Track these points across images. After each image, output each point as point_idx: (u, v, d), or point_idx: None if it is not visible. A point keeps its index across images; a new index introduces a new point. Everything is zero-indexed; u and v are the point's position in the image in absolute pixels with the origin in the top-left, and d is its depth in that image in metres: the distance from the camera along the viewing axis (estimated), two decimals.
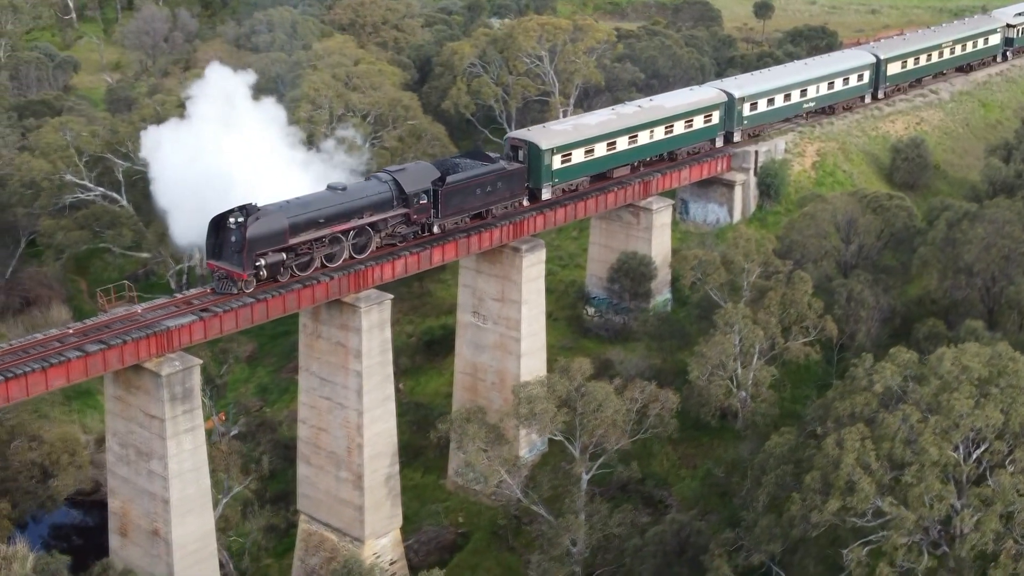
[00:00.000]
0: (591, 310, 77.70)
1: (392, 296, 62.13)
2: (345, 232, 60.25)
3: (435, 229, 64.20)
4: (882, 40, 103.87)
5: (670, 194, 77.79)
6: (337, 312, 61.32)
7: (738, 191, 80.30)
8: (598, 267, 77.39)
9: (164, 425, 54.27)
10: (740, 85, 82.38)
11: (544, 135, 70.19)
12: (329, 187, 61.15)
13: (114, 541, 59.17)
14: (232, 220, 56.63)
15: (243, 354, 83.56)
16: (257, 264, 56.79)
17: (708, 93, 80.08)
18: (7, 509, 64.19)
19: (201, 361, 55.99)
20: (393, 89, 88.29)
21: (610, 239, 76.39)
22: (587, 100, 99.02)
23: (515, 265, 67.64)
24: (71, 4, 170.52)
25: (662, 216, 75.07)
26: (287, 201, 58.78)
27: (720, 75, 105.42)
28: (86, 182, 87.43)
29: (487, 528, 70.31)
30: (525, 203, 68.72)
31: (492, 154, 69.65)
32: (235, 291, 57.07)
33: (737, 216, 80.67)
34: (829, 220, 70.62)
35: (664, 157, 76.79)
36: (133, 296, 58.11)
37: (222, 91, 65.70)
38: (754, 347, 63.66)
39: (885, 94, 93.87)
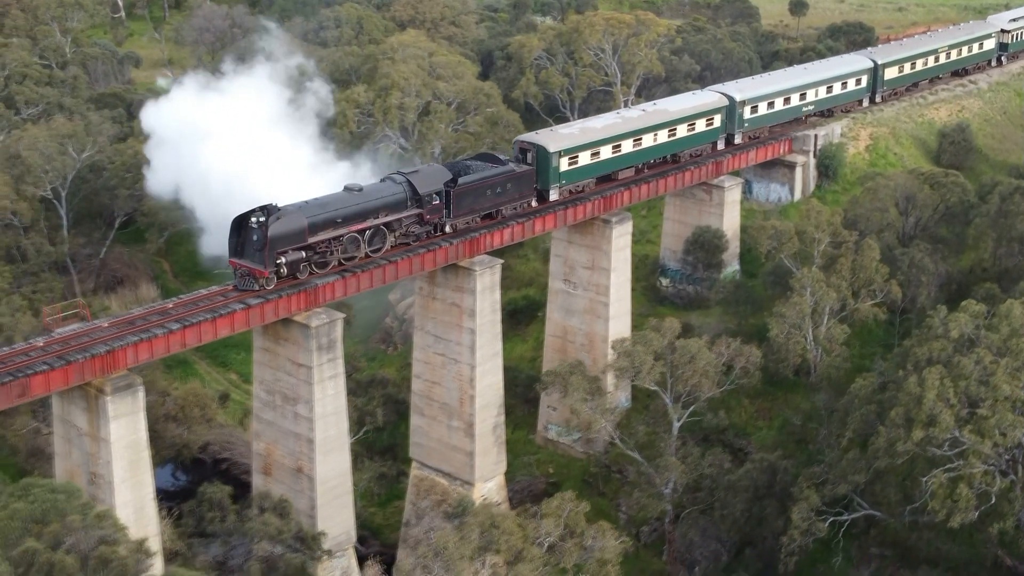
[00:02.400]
0: (665, 281, 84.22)
1: (503, 261, 68.68)
2: (361, 231, 62.46)
3: (447, 229, 66.40)
4: (880, 45, 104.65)
5: (736, 174, 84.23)
6: (452, 275, 67.88)
7: (799, 171, 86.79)
8: (672, 241, 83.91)
9: (311, 372, 60.87)
10: (741, 89, 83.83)
11: (552, 138, 72.23)
12: (346, 188, 63.43)
13: (257, 479, 65.80)
14: (254, 220, 58.84)
15: None
16: (278, 262, 58.98)
17: (710, 97, 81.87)
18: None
19: (344, 315, 62.56)
20: (473, 78, 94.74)
21: (684, 215, 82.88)
22: (647, 90, 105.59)
23: (605, 236, 74.20)
24: (120, 3, 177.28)
25: (733, 193, 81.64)
26: (306, 201, 61.00)
27: (766, 68, 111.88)
28: None
29: (577, 477, 76.86)
30: (533, 204, 70.91)
31: (501, 156, 72.07)
32: (256, 288, 59.06)
33: (798, 195, 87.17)
34: (890, 195, 77.14)
35: (667, 160, 78.71)
36: None
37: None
38: (826, 308, 70.24)
39: (882, 98, 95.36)
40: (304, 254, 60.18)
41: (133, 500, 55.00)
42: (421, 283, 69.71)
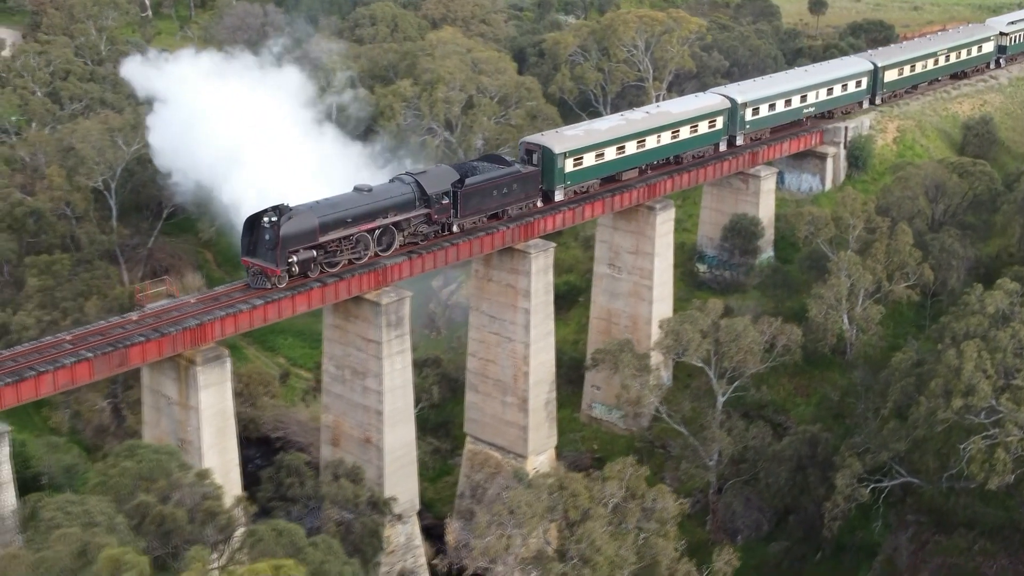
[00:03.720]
0: (703, 267, 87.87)
1: (555, 244, 72.26)
2: (371, 231, 63.52)
3: (454, 228, 67.69)
4: (879, 48, 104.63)
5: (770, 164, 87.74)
6: (508, 258, 71.50)
7: (829, 162, 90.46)
8: (709, 228, 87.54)
9: (380, 347, 64.54)
10: (743, 91, 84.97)
11: (557, 140, 73.51)
12: (356, 188, 64.28)
13: (325, 450, 69.44)
14: (266, 219, 59.84)
15: None
16: (289, 261, 59.96)
17: (712, 99, 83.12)
18: None
19: (412, 293, 66.16)
20: (514, 73, 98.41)
21: (721, 203, 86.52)
22: (677, 85, 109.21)
23: (649, 222, 77.85)
24: (147, 2, 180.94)
25: (768, 182, 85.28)
26: (317, 202, 61.90)
27: (790, 64, 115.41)
28: None
29: (621, 453, 79.97)
30: (539, 204, 72.32)
31: (507, 157, 73.80)
32: (268, 286, 60.28)
33: (828, 185, 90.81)
34: (920, 184, 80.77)
35: (671, 161, 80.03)
36: None
37: None
38: (861, 289, 73.87)
39: (882, 100, 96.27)
40: (315, 253, 61.10)
41: (220, 465, 58.50)
42: (477, 266, 73.28)
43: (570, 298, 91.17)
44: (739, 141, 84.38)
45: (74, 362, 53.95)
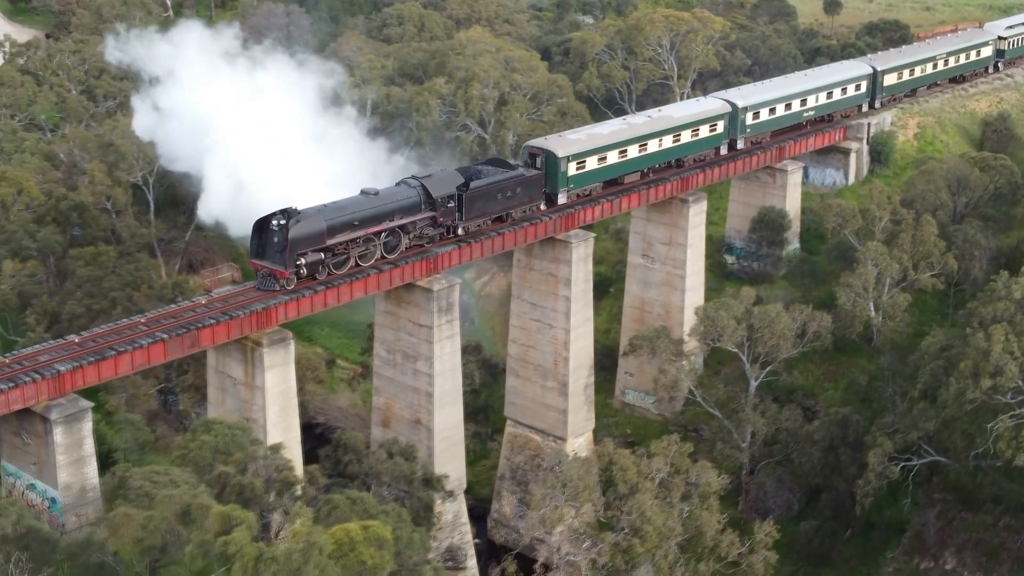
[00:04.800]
0: (731, 258, 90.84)
1: (595, 235, 75.23)
2: (377, 234, 64.28)
3: (459, 231, 68.66)
4: (879, 52, 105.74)
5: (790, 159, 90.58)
6: (549, 248, 74.49)
7: (853, 157, 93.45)
8: (737, 221, 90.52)
9: (432, 332, 67.51)
10: (743, 96, 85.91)
11: (560, 144, 74.44)
12: (363, 192, 65.08)
13: (375, 431, 72.43)
14: (275, 222, 60.71)
15: None
16: (298, 263, 60.84)
17: (713, 104, 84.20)
18: None
19: (461, 280, 69.11)
20: (546, 71, 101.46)
21: (748, 197, 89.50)
22: (701, 83, 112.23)
23: (683, 214, 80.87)
24: (168, 2, 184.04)
25: (795, 176, 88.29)
26: (324, 205, 62.57)
27: (809, 63, 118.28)
28: None
29: (654, 437, 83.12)
30: (542, 207, 73.26)
31: (511, 161, 75.26)
32: (277, 288, 61.25)
33: (851, 179, 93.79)
34: (942, 177, 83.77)
35: (672, 164, 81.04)
36: None
37: None
38: (888, 278, 76.87)
39: (882, 103, 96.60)
40: (323, 255, 62.05)
41: (283, 442, 61.37)
42: (519, 255, 76.24)
43: (601, 288, 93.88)
44: (740, 145, 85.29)
45: (150, 343, 57.00)
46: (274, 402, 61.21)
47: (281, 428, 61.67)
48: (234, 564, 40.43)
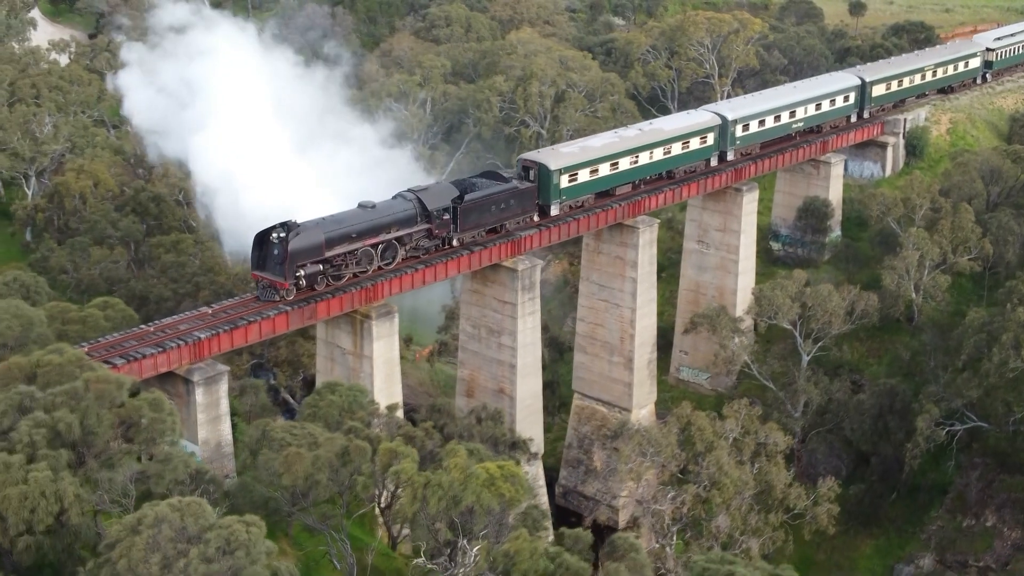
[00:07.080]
0: (777, 245, 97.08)
1: (660, 220, 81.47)
2: (374, 246, 65.85)
3: (455, 243, 70.36)
4: (868, 64, 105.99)
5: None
6: (617, 233, 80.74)
7: (889, 151, 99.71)
8: (783, 210, 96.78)
9: (516, 308, 73.78)
10: (733, 108, 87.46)
11: (553, 156, 76.32)
12: (360, 205, 66.46)
13: (460, 401, 78.65)
14: (275, 235, 62.04)
15: None
16: (297, 275, 62.31)
17: (703, 116, 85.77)
18: None
19: (542, 262, 75.35)
20: (599, 70, 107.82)
21: (793, 187, 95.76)
22: (740, 82, 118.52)
23: (737, 202, 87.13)
24: (207, 3, 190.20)
25: (837, 168, 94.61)
26: (323, 218, 64.15)
27: (840, 62, 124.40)
28: None
29: (710, 409, 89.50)
30: (535, 219, 74.85)
31: (505, 174, 76.69)
32: (277, 299, 62.87)
33: (888, 172, 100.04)
34: (977, 169, 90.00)
35: (663, 176, 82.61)
36: None
37: None
38: (928, 261, 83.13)
39: (871, 114, 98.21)
40: (321, 267, 63.53)
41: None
42: (588, 240, 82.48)
43: None
44: (730, 156, 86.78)
45: (275, 314, 63.25)
46: (380, 370, 67.39)
47: (386, 395, 67.73)
48: (403, 490, 46.66)
